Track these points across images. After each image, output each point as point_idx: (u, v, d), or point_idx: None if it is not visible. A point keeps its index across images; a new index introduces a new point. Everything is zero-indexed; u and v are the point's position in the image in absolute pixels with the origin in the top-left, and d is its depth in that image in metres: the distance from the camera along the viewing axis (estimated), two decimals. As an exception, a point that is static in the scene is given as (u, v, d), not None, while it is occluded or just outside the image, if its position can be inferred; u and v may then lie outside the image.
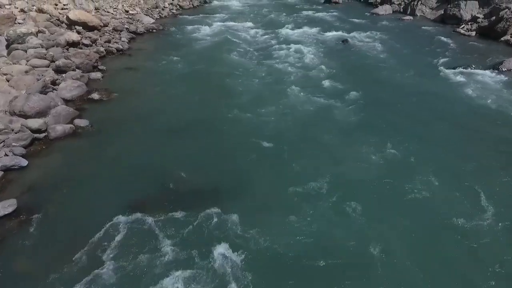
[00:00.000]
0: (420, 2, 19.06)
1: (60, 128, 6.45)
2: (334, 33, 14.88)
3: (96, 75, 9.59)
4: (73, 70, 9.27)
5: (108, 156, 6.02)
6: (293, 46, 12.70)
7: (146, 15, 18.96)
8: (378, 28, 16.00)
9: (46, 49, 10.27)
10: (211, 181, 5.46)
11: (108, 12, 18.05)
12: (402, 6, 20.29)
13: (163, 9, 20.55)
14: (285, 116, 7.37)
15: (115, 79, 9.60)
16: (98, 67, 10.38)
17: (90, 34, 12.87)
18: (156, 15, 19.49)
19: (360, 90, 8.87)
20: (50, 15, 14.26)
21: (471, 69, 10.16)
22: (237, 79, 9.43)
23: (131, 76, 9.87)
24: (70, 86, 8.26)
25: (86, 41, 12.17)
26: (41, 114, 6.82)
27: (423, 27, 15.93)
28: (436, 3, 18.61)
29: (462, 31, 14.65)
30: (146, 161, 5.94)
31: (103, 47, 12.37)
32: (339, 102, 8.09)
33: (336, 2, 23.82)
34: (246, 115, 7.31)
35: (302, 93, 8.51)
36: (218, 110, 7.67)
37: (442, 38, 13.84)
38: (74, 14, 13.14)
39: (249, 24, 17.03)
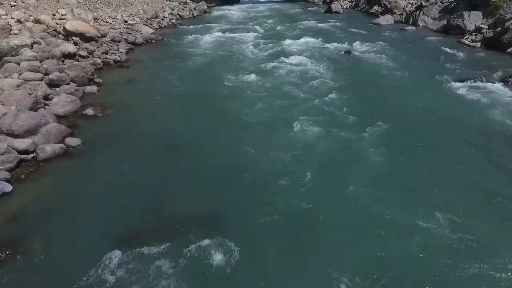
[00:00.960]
0: (422, 12, 18.89)
1: (49, 149, 6.02)
2: (336, 44, 14.60)
3: (92, 88, 9.22)
4: (68, 83, 8.90)
5: (100, 179, 5.58)
6: (295, 58, 12.37)
7: (145, 25, 18.74)
8: (381, 38, 15.75)
9: (40, 62, 9.92)
10: (211, 208, 5.02)
11: (106, 22, 17.83)
12: (403, 16, 20.14)
13: (162, 19, 20.36)
14: (288, 137, 6.93)
15: (111, 93, 9.22)
16: (94, 79, 10.02)
17: (87, 45, 12.55)
18: (155, 25, 19.29)
19: (367, 105, 8.51)
20: (47, 26, 13.98)
21: (481, 82, 9.81)
22: (238, 95, 9.02)
23: (127, 89, 9.50)
24: (63, 101, 7.87)
25: (83, 53, 11.84)
26: (30, 132, 6.40)
27: (426, 38, 15.69)
28: (438, 13, 18.44)
29: (466, 42, 14.39)
30: (141, 184, 5.51)
31: (100, 58, 12.04)
32: (345, 119, 7.70)
33: (336, 12, 23.71)
34: (247, 136, 6.84)
35: (308, 110, 8.11)
36: (218, 129, 7.24)
37: (447, 49, 13.56)
38: (71, 25, 12.85)
39: (250, 34, 16.80)
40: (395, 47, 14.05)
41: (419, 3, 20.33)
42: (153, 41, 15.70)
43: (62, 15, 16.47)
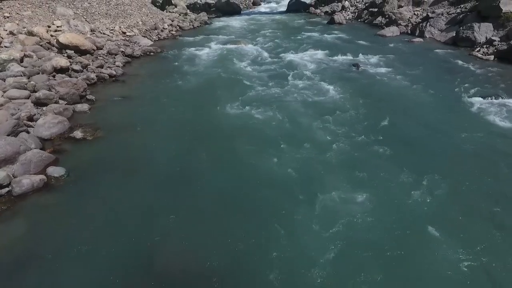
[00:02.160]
0: (429, 23, 18.38)
1: (27, 182, 5.25)
2: (343, 57, 13.99)
3: (83, 107, 8.50)
4: (56, 102, 8.19)
5: (84, 220, 4.80)
6: (301, 72, 11.74)
7: (144, 36, 18.19)
8: (388, 51, 15.17)
9: (28, 78, 9.25)
10: (213, 261, 4.21)
11: (104, 34, 17.28)
12: (409, 28, 19.63)
13: (162, 31, 19.84)
14: (296, 165, 6.16)
15: (104, 111, 8.49)
16: (87, 96, 9.32)
17: (81, 58, 11.91)
18: (154, 37, 18.75)
19: (382, 124, 7.79)
20: (40, 38, 13.38)
21: (502, 98, 9.13)
22: (240, 116, 8.25)
23: (121, 108, 8.77)
24: (49, 123, 7.13)
25: (77, 67, 11.18)
26: (7, 161, 5.65)
27: (435, 50, 15.09)
28: (445, 24, 17.92)
29: (479, 55, 13.79)
30: (133, 227, 4.72)
31: (94, 72, 11.38)
32: (361, 143, 6.96)
33: (340, 23, 23.27)
34: (251, 165, 6.04)
35: (319, 133, 7.38)
36: (219, 158, 6.41)
37: (459, 62, 12.94)
38: (65, 38, 12.23)
39: (251, 46, 16.21)
40: (405, 60, 13.43)
41: (425, 15, 19.88)
42: (152, 53, 15.09)
43: (57, 26, 15.91)
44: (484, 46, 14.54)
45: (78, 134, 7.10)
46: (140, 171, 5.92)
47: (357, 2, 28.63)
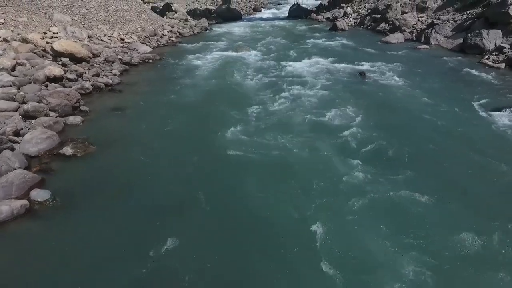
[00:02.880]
0: (434, 30, 17.97)
1: (6, 209, 4.70)
2: (347, 64, 13.52)
3: (75, 119, 7.97)
4: (46, 115, 7.66)
5: (67, 255, 4.24)
6: (306, 81, 11.26)
7: (143, 43, 17.77)
8: (394, 58, 14.70)
9: (18, 88, 8.75)
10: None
11: (102, 40, 16.85)
12: (414, 34, 19.22)
13: (161, 37, 19.44)
14: (301, 187, 5.61)
15: (97, 125, 7.97)
16: (80, 107, 8.80)
17: (76, 67, 11.41)
18: (154, 43, 18.33)
19: (394, 140, 7.25)
20: (35, 45, 12.90)
21: (520, 110, 8.61)
22: (243, 136, 7.46)
23: (116, 121, 8.23)
24: (37, 138, 6.60)
25: (71, 75, 10.69)
26: (-14, 184, 5.10)
27: (443, 58, 14.64)
28: (451, 31, 17.51)
29: (489, 63, 13.32)
30: (118, 262, 4.16)
31: (90, 81, 10.89)
32: (371, 160, 6.42)
33: (342, 30, 22.89)
34: (254, 199, 5.31)
35: (326, 149, 6.85)
36: (218, 187, 5.64)
37: (469, 70, 12.46)
38: (60, 45, 11.77)
39: (253, 53, 15.77)
40: (413, 68, 12.95)
41: (430, 21, 19.49)
42: (150, 61, 14.63)
43: (54, 33, 15.48)
44: (494, 53, 14.08)
45: (68, 150, 6.56)
46: (131, 195, 5.35)
47: (359, 8, 28.35)
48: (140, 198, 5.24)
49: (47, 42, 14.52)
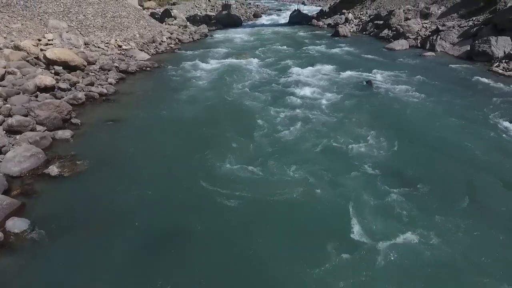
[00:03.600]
0: (439, 37, 17.54)
1: (-25, 243, 4.11)
2: (352, 72, 13.03)
3: (64, 134, 7.41)
4: (33, 129, 7.10)
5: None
6: (310, 90, 10.74)
7: (141, 50, 17.31)
8: (400, 66, 14.23)
9: (5, 99, 8.21)
10: None
11: (98, 47, 16.38)
12: (419, 41, 18.80)
13: (160, 44, 18.99)
14: (309, 215, 5.04)
15: (88, 139, 7.41)
16: (71, 120, 8.25)
17: (69, 75, 10.89)
18: (152, 50, 17.87)
19: (408, 157, 6.72)
20: (27, 53, 12.40)
21: (539, 123, 8.09)
22: (245, 154, 6.73)
23: (108, 135, 7.67)
24: (20, 156, 6.03)
25: (64, 85, 10.16)
26: (-43, 212, 4.52)
27: (450, 65, 14.17)
28: (457, 38, 17.08)
29: (499, 71, 12.84)
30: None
31: (84, 91, 10.37)
32: (386, 181, 5.86)
33: (344, 36, 22.51)
34: (257, 240, 4.58)
35: (336, 170, 6.29)
36: (217, 223, 4.92)
37: (479, 79, 11.98)
38: (53, 53, 11.26)
39: (254, 61, 15.28)
40: (421, 76, 12.45)
41: (434, 27, 19.10)
42: (148, 68, 14.13)
43: (49, 40, 15.00)
44: (503, 61, 13.62)
45: (53, 170, 5.98)
46: (121, 226, 4.75)
47: (361, 14, 28.06)
48: (130, 231, 4.65)
49: (41, 49, 14.03)
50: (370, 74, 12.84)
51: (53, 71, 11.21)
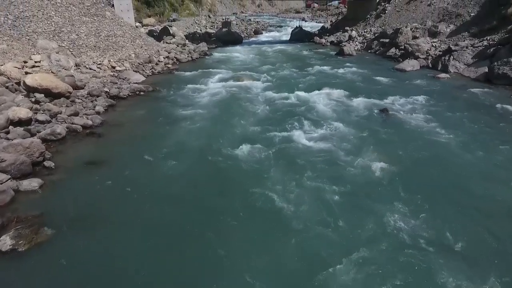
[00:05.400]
0: (452, 57, 16.58)
1: None
2: (364, 98, 11.91)
3: (31, 184, 6.13)
4: (-10, 181, 5.85)
5: None
6: (320, 121, 9.57)
7: (136, 71, 16.27)
8: (415, 90, 13.15)
9: (-33, 139, 6.99)
10: None
11: (90, 69, 15.34)
12: (429, 61, 17.84)
13: (157, 64, 17.98)
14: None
15: (61, 190, 6.13)
16: (44, 163, 7.00)
17: (51, 105, 9.70)
18: (148, 71, 16.83)
19: (439, 208, 5.47)
20: (8, 78, 11.29)
21: None
22: (246, 192, 5.85)
23: (87, 183, 6.37)
24: (-34, 222, 4.75)
25: (42, 117, 8.98)
26: None
27: (470, 89, 13.08)
28: (472, 58, 16.11)
29: (526, 97, 11.75)
30: None
31: (66, 122, 9.18)
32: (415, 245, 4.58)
33: (350, 55, 21.62)
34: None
35: (352, 223, 5.03)
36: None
37: (504, 106, 10.86)
38: (34, 79, 10.12)
39: (256, 84, 14.21)
40: (439, 102, 11.35)
41: (445, 47, 18.19)
42: (142, 93, 13.01)
43: (35, 62, 13.96)
44: (528, 85, 12.55)
45: (6, 241, 4.68)
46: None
47: (364, 31, 27.31)
48: None
49: (26, 72, 12.95)
50: (384, 100, 11.72)
51: (33, 99, 10.06)
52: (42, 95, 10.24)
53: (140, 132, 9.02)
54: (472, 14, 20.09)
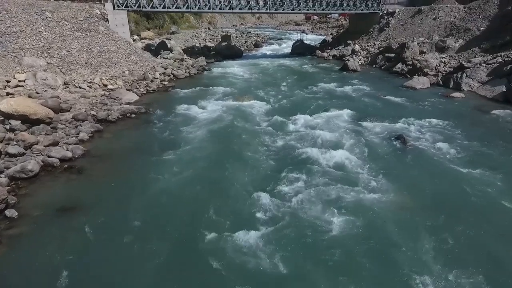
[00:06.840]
0: (465, 74, 15.64)
1: None
2: (376, 122, 10.87)
3: (-17, 244, 5.00)
4: None
5: None
6: (327, 151, 8.45)
7: (129, 89, 15.26)
8: (429, 112, 12.13)
9: None
10: None
11: (80, 87, 14.34)
12: (439, 78, 16.88)
13: (152, 81, 16.99)
14: None
15: (20, 250, 4.98)
16: (6, 211, 5.87)
17: (26, 135, 8.60)
18: (142, 89, 15.80)
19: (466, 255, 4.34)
20: (-15, 101, 10.25)
21: None
22: (246, 251, 4.82)
23: (57, 236, 5.21)
24: None
25: (14, 149, 7.90)
26: None
27: (488, 111, 12.09)
28: (486, 76, 15.16)
29: (554, 121, 10.71)
30: None
31: (41, 154, 8.11)
32: None
33: (354, 70, 20.72)
34: None
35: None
36: None
37: (533, 132, 9.79)
38: (9, 105, 9.06)
39: (257, 104, 13.18)
40: (458, 128, 10.31)
41: (457, 63, 17.28)
42: (133, 115, 11.95)
43: (19, 81, 13.00)
44: (553, 107, 11.52)
45: None
46: None
47: (368, 45, 26.52)
48: None
49: (8, 93, 11.96)
50: (398, 125, 10.65)
51: (8, 127, 8.99)
52: (19, 122, 9.18)
53: (126, 169, 7.90)
54: (481, 29, 19.28)
